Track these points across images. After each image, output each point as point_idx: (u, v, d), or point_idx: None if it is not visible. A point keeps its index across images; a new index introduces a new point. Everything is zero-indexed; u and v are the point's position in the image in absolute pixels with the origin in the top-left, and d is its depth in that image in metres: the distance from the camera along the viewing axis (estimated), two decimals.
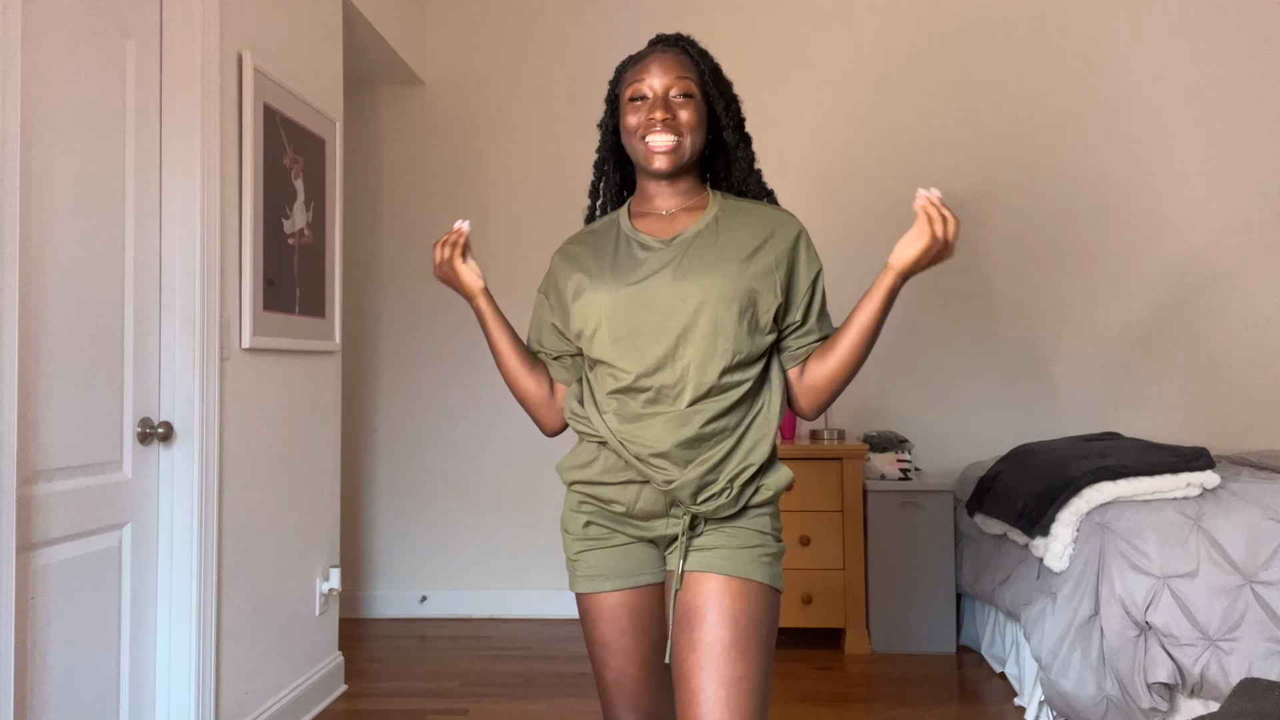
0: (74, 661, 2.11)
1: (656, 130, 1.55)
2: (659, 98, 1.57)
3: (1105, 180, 4.15)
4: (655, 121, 1.55)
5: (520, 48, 4.33)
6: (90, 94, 2.16)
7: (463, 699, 3.23)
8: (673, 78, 1.58)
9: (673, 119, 1.56)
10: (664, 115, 1.55)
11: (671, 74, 1.58)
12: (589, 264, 1.63)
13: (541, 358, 1.80)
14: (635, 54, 1.65)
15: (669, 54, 1.60)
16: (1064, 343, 4.15)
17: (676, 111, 1.57)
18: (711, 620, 1.46)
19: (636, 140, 1.58)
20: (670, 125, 1.56)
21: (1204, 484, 2.81)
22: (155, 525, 2.41)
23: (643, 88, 1.59)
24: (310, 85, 3.14)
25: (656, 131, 1.55)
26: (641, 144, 1.58)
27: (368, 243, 4.35)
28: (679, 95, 1.58)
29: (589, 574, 1.62)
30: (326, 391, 3.27)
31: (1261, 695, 1.61)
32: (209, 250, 2.49)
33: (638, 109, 1.58)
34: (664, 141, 1.56)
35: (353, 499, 4.33)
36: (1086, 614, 2.72)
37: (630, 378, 1.54)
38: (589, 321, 1.58)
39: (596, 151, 1.75)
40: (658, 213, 1.64)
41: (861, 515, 3.71)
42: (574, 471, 1.63)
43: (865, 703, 3.17)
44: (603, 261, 1.62)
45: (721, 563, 1.51)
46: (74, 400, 2.10)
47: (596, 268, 1.61)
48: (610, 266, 1.60)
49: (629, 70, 1.63)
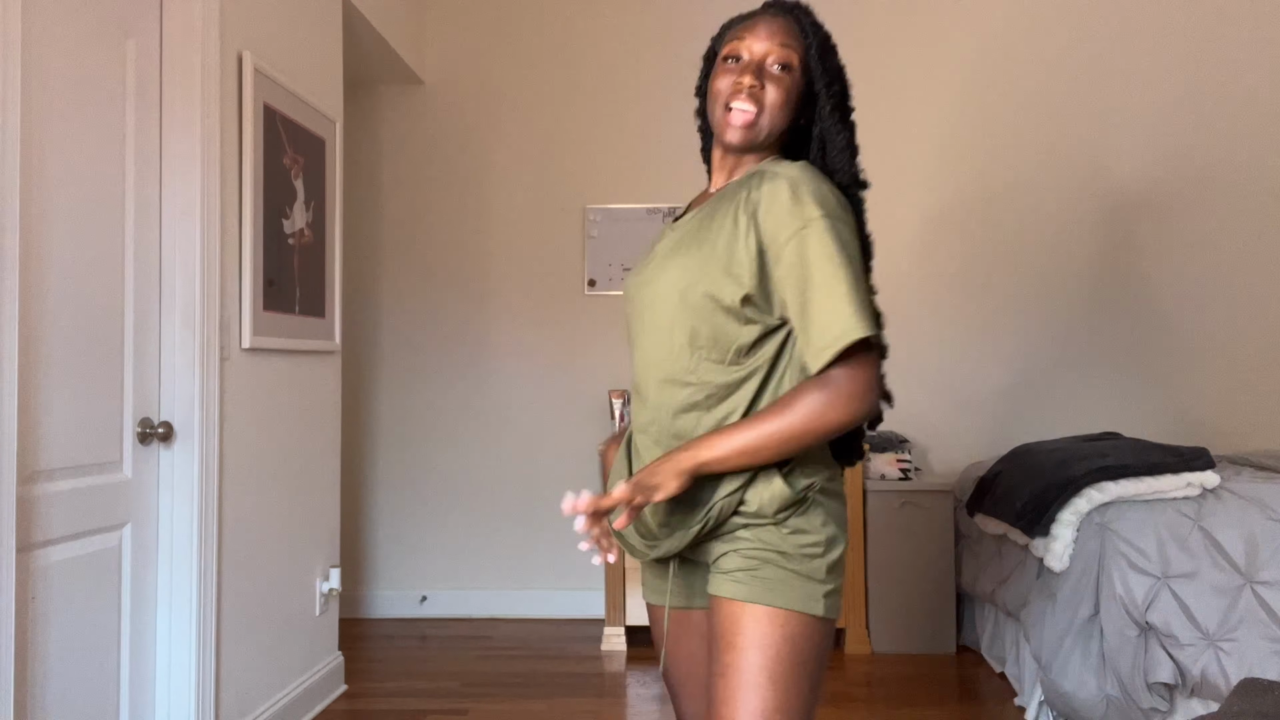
0: (74, 661, 2.11)
1: (741, 97, 1.39)
2: (754, 62, 1.40)
3: (1105, 181, 4.15)
4: (742, 87, 1.39)
5: (520, 48, 4.33)
6: (90, 94, 2.16)
7: (463, 699, 3.23)
8: (775, 44, 1.40)
9: (760, 88, 1.39)
10: (752, 82, 1.38)
11: (775, 40, 1.40)
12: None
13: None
14: (744, 13, 1.49)
15: (778, 19, 1.43)
16: (1064, 342, 4.15)
17: (767, 83, 1.40)
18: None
19: (719, 105, 1.42)
20: (755, 95, 1.39)
21: (1204, 484, 2.80)
22: (155, 525, 2.41)
23: (740, 48, 1.42)
24: (310, 85, 3.14)
25: (741, 98, 1.39)
26: (722, 110, 1.41)
27: (368, 243, 4.35)
28: (776, 65, 1.40)
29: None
30: (326, 391, 3.27)
31: (1261, 695, 1.61)
32: (209, 250, 2.49)
33: (729, 71, 1.42)
34: (743, 111, 1.39)
35: (353, 499, 4.33)
36: (1086, 614, 2.71)
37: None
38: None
39: (697, 114, 1.57)
40: (711, 190, 1.50)
41: (861, 515, 3.71)
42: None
43: (865, 703, 3.17)
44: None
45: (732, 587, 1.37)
46: (74, 400, 2.10)
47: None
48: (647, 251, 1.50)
49: (733, 28, 1.46)
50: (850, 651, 3.68)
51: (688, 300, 1.36)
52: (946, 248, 4.19)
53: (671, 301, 1.38)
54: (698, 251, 1.37)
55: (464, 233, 4.32)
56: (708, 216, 1.41)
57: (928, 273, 4.18)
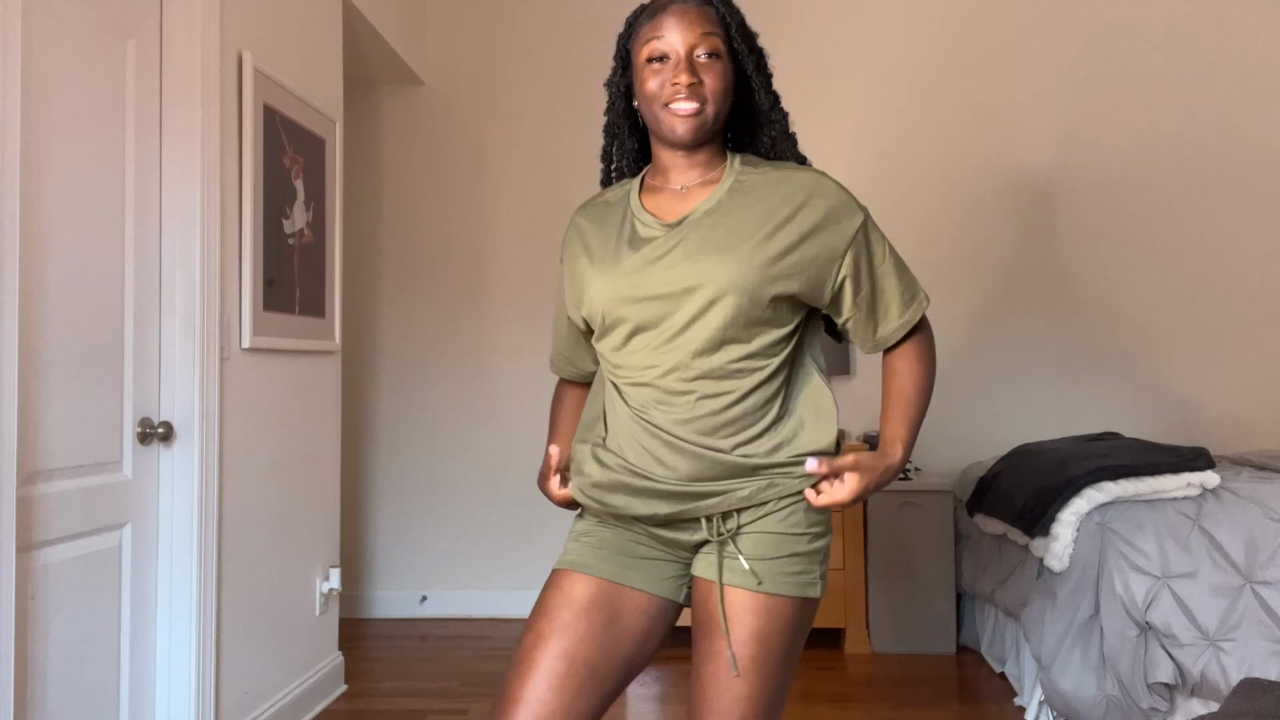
0: (74, 661, 2.11)
1: (681, 98, 1.37)
2: (681, 59, 1.37)
3: (1105, 181, 4.15)
4: (680, 87, 1.37)
5: (520, 48, 4.33)
6: (90, 94, 2.16)
7: (463, 699, 3.23)
8: (697, 34, 1.38)
9: (699, 84, 1.37)
10: (689, 80, 1.36)
11: (696, 30, 1.38)
12: (593, 242, 1.48)
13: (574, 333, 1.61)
14: (649, 3, 1.43)
15: (690, 6, 1.39)
16: (1064, 342, 4.15)
17: (702, 75, 1.38)
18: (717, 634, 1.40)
19: (657, 108, 1.39)
20: (696, 91, 1.37)
21: (1204, 484, 2.80)
22: (155, 525, 2.41)
23: (662, 46, 1.38)
24: (310, 85, 3.14)
25: (681, 99, 1.37)
26: (664, 112, 1.39)
27: (368, 243, 4.35)
28: (704, 55, 1.38)
29: None
30: (326, 391, 3.27)
31: (1261, 695, 1.61)
32: (209, 250, 2.49)
33: (657, 71, 1.39)
34: (687, 108, 1.37)
35: (353, 499, 4.33)
36: (1086, 614, 2.71)
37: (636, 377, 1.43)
38: (594, 312, 1.44)
39: (605, 114, 1.53)
40: (672, 188, 1.47)
41: (861, 515, 3.71)
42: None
43: (865, 703, 3.17)
44: (607, 242, 1.46)
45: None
46: (74, 400, 2.10)
47: (600, 249, 1.46)
48: (614, 249, 1.44)
49: (644, 24, 1.42)
50: (850, 651, 3.68)
51: (732, 295, 1.36)
52: (946, 246, 4.18)
53: (706, 297, 1.37)
54: (735, 251, 1.37)
55: (464, 233, 4.32)
56: (726, 215, 1.40)
57: (927, 272, 4.17)
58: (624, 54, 1.47)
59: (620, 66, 1.48)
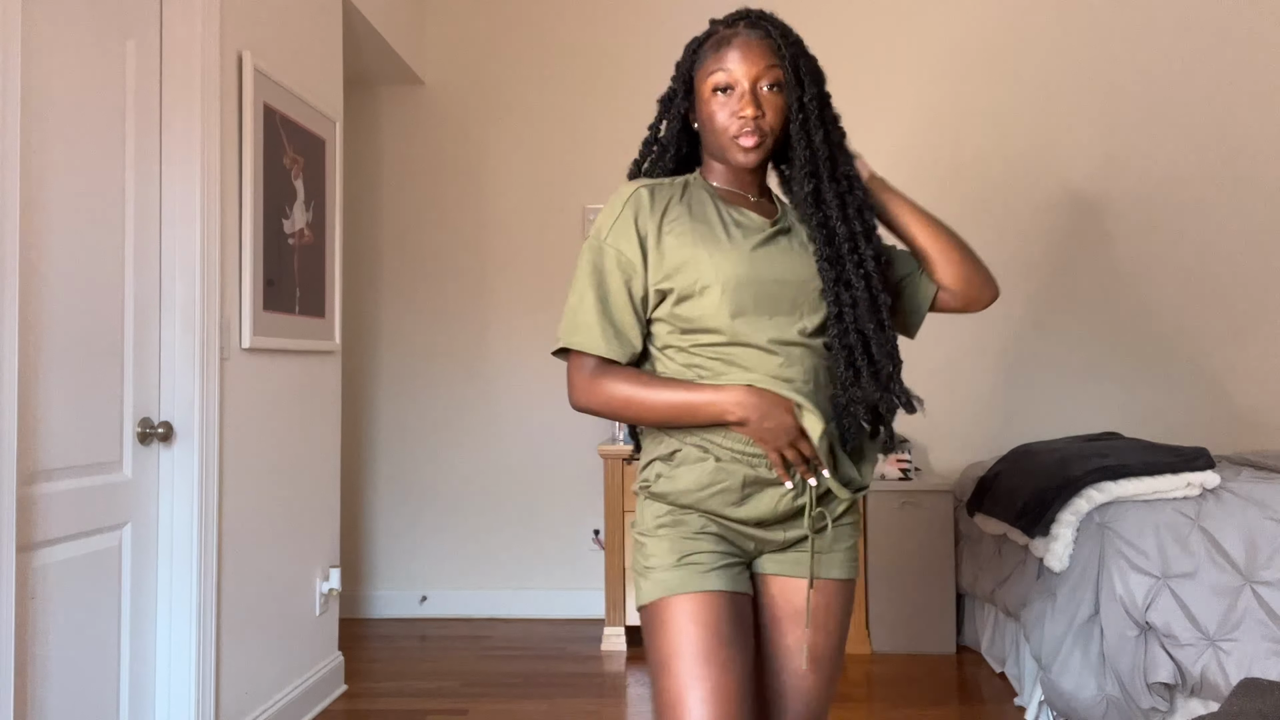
0: (74, 661, 2.11)
1: (748, 132, 1.46)
2: (746, 91, 1.46)
3: (1105, 186, 4.15)
4: (747, 121, 1.46)
5: (520, 48, 4.33)
6: (90, 94, 2.16)
7: (463, 699, 3.23)
8: (763, 66, 1.46)
9: (762, 116, 1.46)
10: (755, 113, 1.45)
11: (762, 62, 1.46)
12: (688, 221, 1.50)
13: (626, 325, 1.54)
14: (716, 33, 1.52)
15: (755, 38, 1.47)
16: (1065, 342, 4.15)
17: (765, 108, 1.47)
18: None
19: (725, 139, 1.48)
20: (760, 125, 1.47)
21: (1204, 484, 2.80)
22: (155, 525, 2.41)
23: (729, 78, 1.47)
24: (310, 85, 3.14)
25: (747, 133, 1.46)
26: (731, 143, 1.48)
27: (368, 243, 4.35)
28: (767, 87, 1.47)
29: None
30: (326, 391, 3.27)
31: (1261, 695, 1.61)
32: (209, 250, 2.49)
33: (724, 103, 1.48)
34: (751, 142, 1.47)
35: (353, 499, 4.33)
36: (1086, 614, 2.71)
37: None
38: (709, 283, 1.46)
39: (651, 128, 1.60)
40: (745, 196, 1.56)
41: (862, 515, 3.70)
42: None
43: (865, 703, 3.17)
44: (712, 224, 1.50)
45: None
46: (74, 400, 2.10)
47: (704, 228, 1.49)
48: (723, 232, 1.49)
49: (709, 55, 1.50)
50: (850, 651, 3.68)
51: (810, 285, 1.49)
52: None
53: (802, 283, 1.49)
54: (806, 253, 1.51)
55: (464, 233, 4.32)
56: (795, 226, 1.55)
57: None
58: (686, 79, 1.55)
59: (682, 90, 1.55)
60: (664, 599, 1.44)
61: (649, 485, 1.52)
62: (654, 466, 1.52)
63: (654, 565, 1.48)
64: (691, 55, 1.54)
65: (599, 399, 1.49)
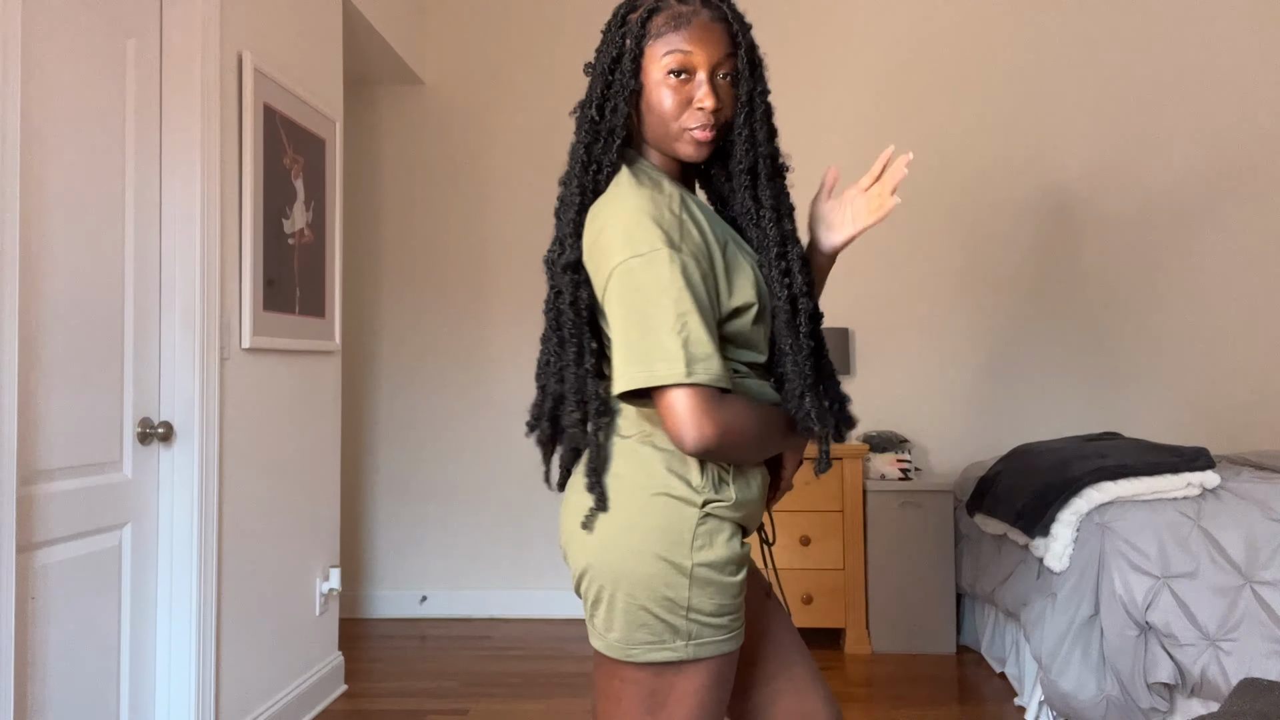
0: (74, 661, 2.11)
1: (702, 125, 1.32)
2: (704, 80, 1.31)
3: (1104, 185, 4.15)
4: (706, 113, 1.31)
5: (520, 48, 4.33)
6: (90, 94, 2.16)
7: (463, 699, 3.23)
8: (722, 54, 1.32)
9: (719, 109, 1.32)
10: (715, 105, 1.30)
11: (721, 49, 1.32)
12: (720, 231, 1.36)
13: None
14: (669, 6, 1.33)
15: (716, 21, 1.33)
16: (1065, 342, 4.15)
17: (721, 98, 1.33)
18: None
19: (674, 126, 1.33)
20: (717, 117, 1.33)
21: (1204, 484, 2.80)
22: (155, 525, 2.41)
23: (686, 60, 1.30)
24: (310, 85, 3.14)
25: (702, 126, 1.32)
26: (683, 134, 1.33)
27: (368, 243, 4.35)
28: (724, 76, 1.33)
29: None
30: (326, 391, 3.27)
31: (1261, 695, 1.61)
32: (209, 250, 2.49)
33: (676, 87, 1.31)
34: (707, 135, 1.32)
35: (353, 499, 4.33)
36: (1086, 614, 2.71)
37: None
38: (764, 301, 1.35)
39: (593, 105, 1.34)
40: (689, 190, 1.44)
41: (861, 515, 3.71)
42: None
43: (865, 703, 3.17)
44: (728, 231, 1.39)
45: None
46: (74, 400, 2.10)
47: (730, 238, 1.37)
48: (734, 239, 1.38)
49: (665, 29, 1.32)
50: (850, 651, 3.68)
51: None
52: (945, 246, 4.19)
53: None
54: None
55: (464, 233, 4.32)
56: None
57: (926, 272, 4.18)
58: (637, 53, 1.33)
59: (631, 64, 1.33)
60: (709, 660, 1.24)
61: (715, 499, 1.28)
62: (707, 473, 1.29)
63: (726, 613, 1.25)
64: (641, 26, 1.33)
65: (731, 435, 1.22)
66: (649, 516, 1.26)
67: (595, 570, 1.28)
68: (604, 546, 1.27)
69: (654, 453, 1.30)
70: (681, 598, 1.23)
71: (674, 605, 1.23)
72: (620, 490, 1.29)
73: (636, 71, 1.33)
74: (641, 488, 1.28)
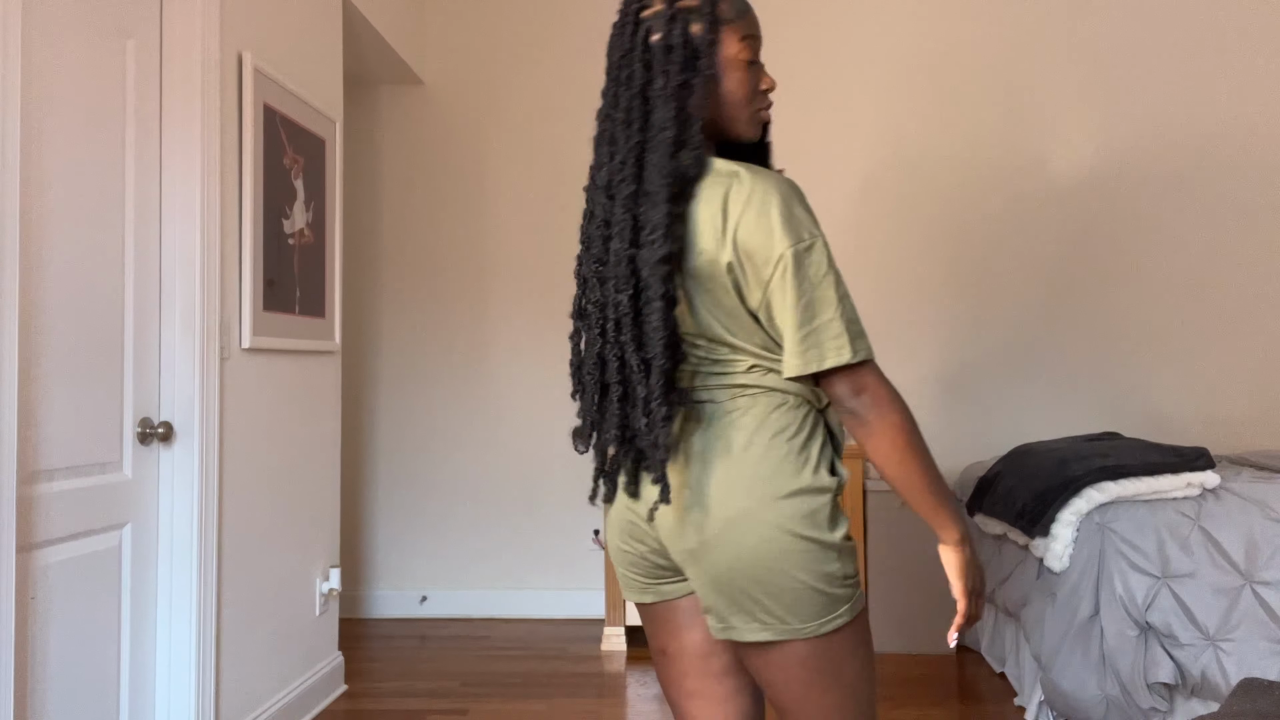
0: (74, 661, 2.11)
1: (769, 107, 1.44)
2: (762, 65, 1.43)
3: (1104, 184, 4.15)
4: (768, 94, 1.43)
5: (520, 48, 4.33)
6: (90, 94, 2.16)
7: (463, 699, 3.23)
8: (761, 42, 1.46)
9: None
10: (774, 86, 1.43)
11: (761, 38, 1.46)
12: None
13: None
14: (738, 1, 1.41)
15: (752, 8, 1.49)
16: (1064, 342, 4.15)
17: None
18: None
19: (750, 110, 1.41)
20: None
21: (1204, 484, 2.80)
22: (155, 525, 2.41)
23: (758, 46, 1.41)
24: (310, 85, 3.14)
25: (769, 107, 1.44)
26: (756, 115, 1.42)
27: (368, 243, 4.35)
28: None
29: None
30: (326, 391, 3.27)
31: (1261, 695, 1.61)
32: (209, 250, 2.49)
33: (754, 73, 1.40)
34: (770, 114, 1.46)
35: (353, 499, 4.33)
36: (1086, 614, 2.71)
37: None
38: None
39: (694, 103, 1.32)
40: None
41: (861, 515, 3.71)
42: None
43: None
44: None
45: None
46: (74, 400, 2.10)
47: None
48: None
49: (735, 19, 1.37)
50: None
51: None
52: (946, 249, 4.19)
53: None
54: None
55: (464, 233, 4.32)
56: None
57: (925, 271, 4.18)
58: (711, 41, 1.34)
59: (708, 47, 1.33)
60: (862, 613, 1.38)
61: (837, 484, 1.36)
62: (812, 445, 1.36)
63: (854, 576, 1.36)
64: (711, 9, 1.34)
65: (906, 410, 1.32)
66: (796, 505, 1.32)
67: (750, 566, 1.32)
68: (759, 540, 1.31)
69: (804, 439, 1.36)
70: (835, 570, 1.33)
71: (832, 578, 1.32)
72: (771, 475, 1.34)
73: (713, 58, 1.35)
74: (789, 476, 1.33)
